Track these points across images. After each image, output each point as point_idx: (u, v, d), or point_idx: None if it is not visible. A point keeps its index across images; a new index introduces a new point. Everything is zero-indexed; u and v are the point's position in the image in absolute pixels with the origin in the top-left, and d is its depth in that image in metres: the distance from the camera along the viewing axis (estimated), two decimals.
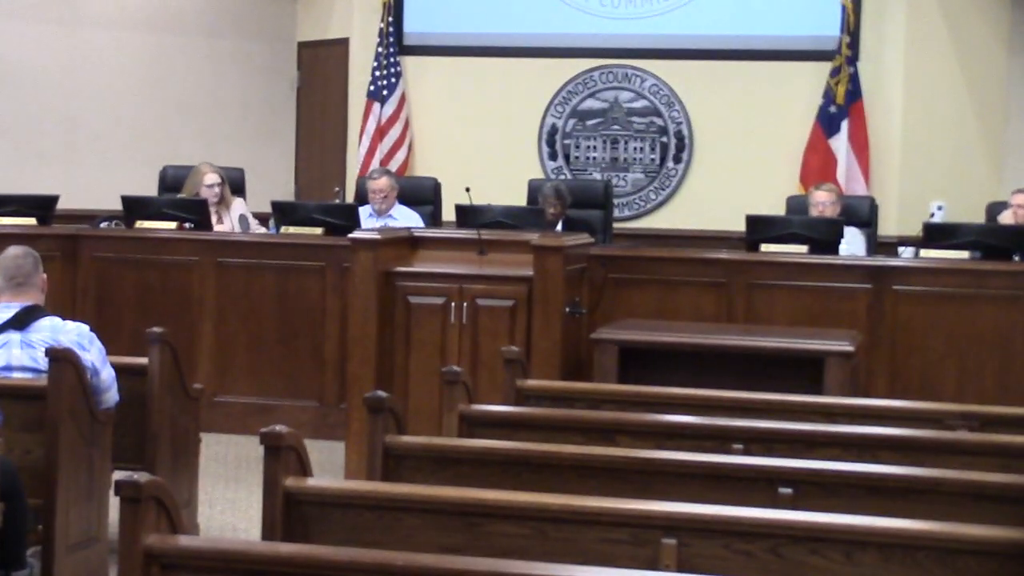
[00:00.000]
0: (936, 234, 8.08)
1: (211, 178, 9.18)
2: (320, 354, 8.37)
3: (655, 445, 4.86)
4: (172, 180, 9.61)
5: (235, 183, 9.67)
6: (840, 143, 10.17)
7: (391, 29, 10.90)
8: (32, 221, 8.66)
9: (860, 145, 10.20)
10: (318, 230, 8.56)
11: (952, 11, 10.33)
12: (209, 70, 11.53)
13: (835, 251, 7.99)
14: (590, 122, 10.86)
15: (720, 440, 4.88)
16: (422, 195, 9.54)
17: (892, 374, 7.72)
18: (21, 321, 5.32)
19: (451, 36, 11.06)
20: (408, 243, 7.36)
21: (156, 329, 5.90)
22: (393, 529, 3.74)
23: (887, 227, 9.75)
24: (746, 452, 4.76)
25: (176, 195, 9.31)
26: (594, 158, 10.86)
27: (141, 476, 3.21)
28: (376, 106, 10.88)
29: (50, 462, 5.06)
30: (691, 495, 4.11)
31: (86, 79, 11.16)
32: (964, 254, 7.92)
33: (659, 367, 6.71)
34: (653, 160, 10.77)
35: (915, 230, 8.46)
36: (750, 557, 3.57)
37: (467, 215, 7.99)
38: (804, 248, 7.96)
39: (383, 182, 9.11)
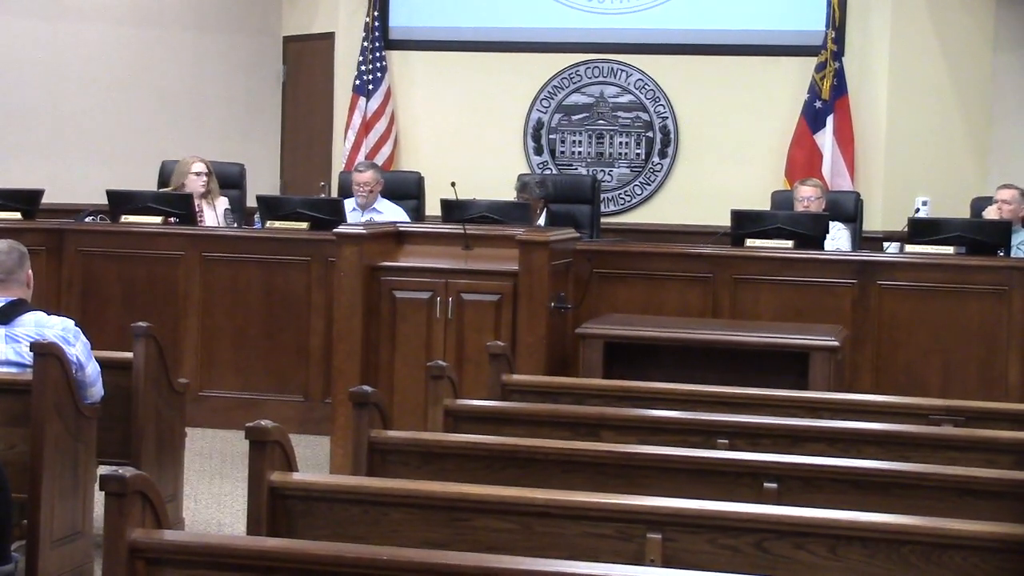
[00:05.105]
0: (921, 229, 8.09)
1: (199, 166, 9.13)
2: (305, 349, 8.36)
3: (640, 440, 4.87)
4: (169, 175, 9.53)
5: (233, 178, 9.64)
6: (825, 138, 10.17)
7: (376, 23, 10.89)
8: (17, 215, 8.64)
9: (845, 140, 10.21)
10: (303, 224, 8.54)
11: (937, 7, 10.35)
12: (195, 64, 11.51)
13: (820, 246, 8.00)
14: (576, 117, 10.85)
15: (705, 435, 4.89)
16: (406, 189, 9.53)
17: (877, 369, 7.73)
18: (5, 315, 5.32)
19: (437, 30, 11.05)
20: (393, 237, 7.35)
21: (141, 323, 5.90)
22: (378, 524, 3.74)
23: (872, 222, 9.77)
24: (731, 447, 4.77)
25: (163, 189, 9.29)
26: (580, 153, 10.86)
27: (126, 471, 3.21)
28: (361, 100, 10.86)
29: (35, 457, 5.05)
30: (676, 490, 4.11)
31: (71, 73, 11.12)
32: (949, 249, 7.92)
33: (644, 362, 6.72)
34: (639, 155, 10.77)
35: (900, 225, 8.46)
36: (735, 552, 3.57)
37: (452, 209, 7.98)
38: (789, 243, 7.96)
39: (368, 175, 9.09)
